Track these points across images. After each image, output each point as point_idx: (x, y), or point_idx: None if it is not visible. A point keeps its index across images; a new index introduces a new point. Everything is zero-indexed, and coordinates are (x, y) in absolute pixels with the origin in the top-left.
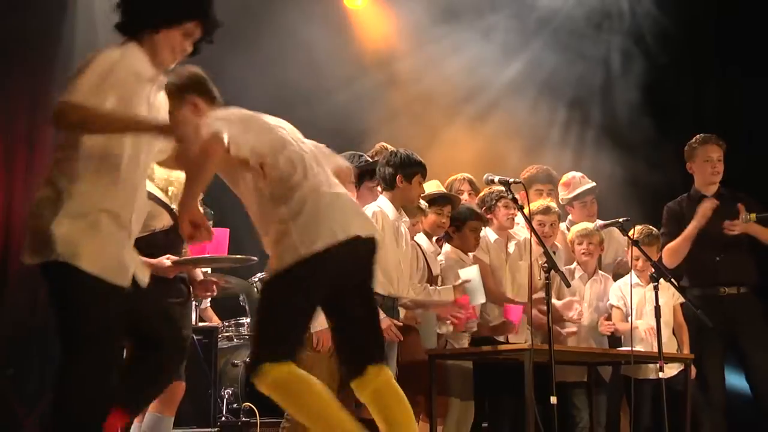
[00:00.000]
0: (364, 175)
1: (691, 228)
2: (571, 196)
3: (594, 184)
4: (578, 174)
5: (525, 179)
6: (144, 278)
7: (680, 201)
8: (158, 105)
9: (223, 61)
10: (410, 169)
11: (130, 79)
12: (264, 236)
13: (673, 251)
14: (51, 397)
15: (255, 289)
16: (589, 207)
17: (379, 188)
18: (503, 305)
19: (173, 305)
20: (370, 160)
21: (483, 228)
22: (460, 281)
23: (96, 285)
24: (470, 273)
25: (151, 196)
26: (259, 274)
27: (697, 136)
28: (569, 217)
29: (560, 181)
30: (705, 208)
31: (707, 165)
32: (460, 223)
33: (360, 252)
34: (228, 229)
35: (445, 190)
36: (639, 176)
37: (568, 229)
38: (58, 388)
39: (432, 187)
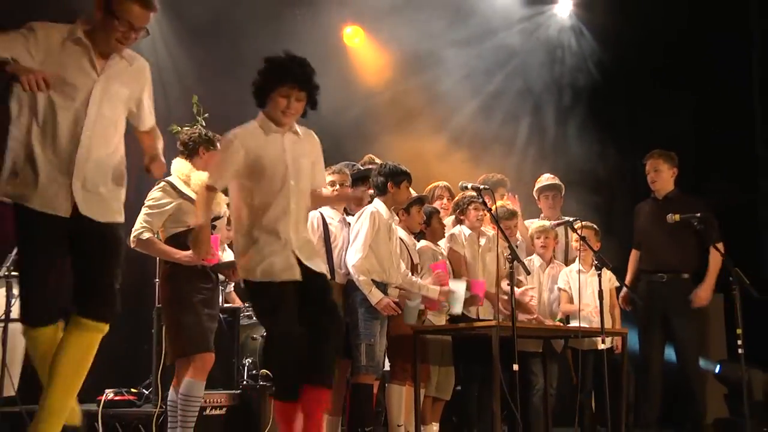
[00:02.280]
0: (357, 181)
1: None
2: (535, 189)
3: (553, 182)
4: (549, 175)
5: (489, 183)
6: None
7: (644, 202)
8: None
9: (240, 89)
10: (398, 177)
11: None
12: None
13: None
14: None
15: None
16: (551, 201)
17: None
18: (473, 280)
19: None
20: (362, 169)
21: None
22: (447, 288)
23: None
24: (459, 286)
25: (188, 198)
26: None
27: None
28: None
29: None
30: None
31: (649, 175)
32: (407, 208)
33: None
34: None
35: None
36: (583, 180)
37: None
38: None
39: None
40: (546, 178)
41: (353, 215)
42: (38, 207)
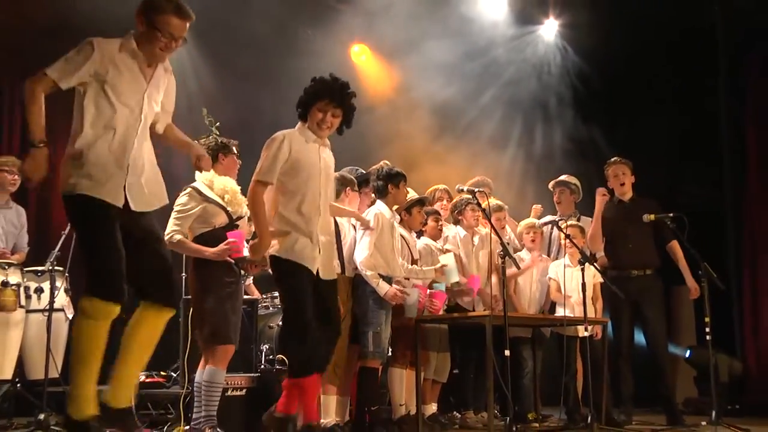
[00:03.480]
0: (361, 184)
1: (595, 216)
2: (551, 184)
3: (562, 179)
4: (566, 175)
5: (473, 184)
6: None
7: (608, 204)
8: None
9: (259, 99)
10: (396, 178)
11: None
12: None
13: (590, 237)
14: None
15: None
16: (558, 196)
17: (373, 194)
18: (470, 275)
19: None
20: (364, 173)
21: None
22: (440, 264)
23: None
24: (448, 259)
25: (212, 201)
26: None
27: (610, 159)
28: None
29: None
30: (598, 200)
31: (617, 178)
32: (408, 209)
33: None
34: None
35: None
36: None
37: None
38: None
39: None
40: (564, 176)
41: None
42: (102, 197)
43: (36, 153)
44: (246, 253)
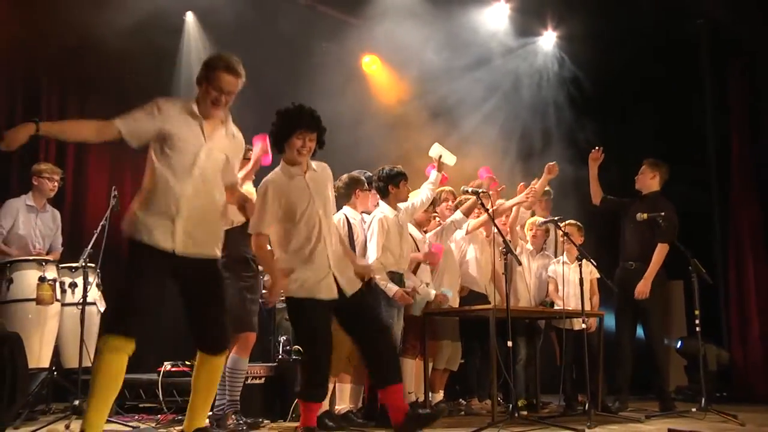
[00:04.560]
0: (369, 185)
1: (591, 177)
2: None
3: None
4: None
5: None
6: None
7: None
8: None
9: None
10: (396, 178)
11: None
12: None
13: (592, 194)
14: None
15: None
16: (545, 203)
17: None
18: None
19: None
20: (370, 174)
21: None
22: (438, 158)
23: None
24: (435, 149)
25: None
26: None
27: None
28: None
29: None
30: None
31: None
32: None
33: None
34: None
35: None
36: (563, 185)
37: None
38: None
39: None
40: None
41: (369, 214)
42: (149, 242)
43: (25, 125)
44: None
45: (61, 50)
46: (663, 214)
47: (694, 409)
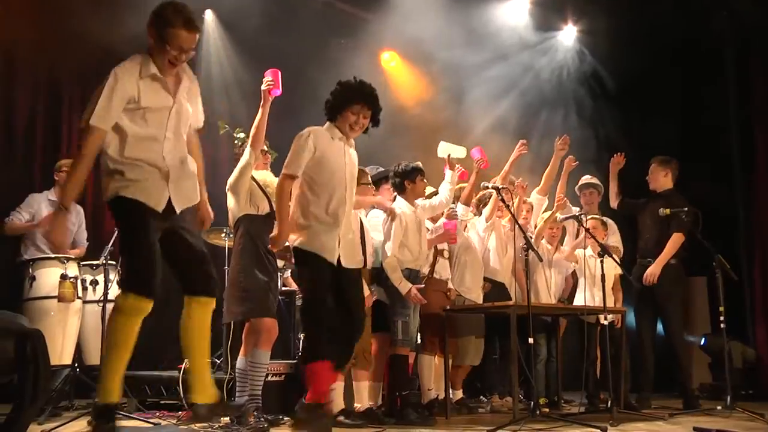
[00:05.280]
0: (380, 181)
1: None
2: (576, 187)
3: (590, 181)
4: (588, 176)
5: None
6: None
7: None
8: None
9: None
10: (412, 173)
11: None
12: None
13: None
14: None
15: None
16: (588, 197)
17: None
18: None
19: None
20: (383, 169)
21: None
22: (447, 157)
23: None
24: (442, 149)
25: (258, 183)
26: None
27: None
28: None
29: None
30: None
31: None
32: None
33: None
34: None
35: None
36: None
37: None
38: None
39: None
40: (585, 178)
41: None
42: (143, 199)
43: (59, 216)
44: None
45: (81, 50)
46: (686, 209)
47: (719, 407)
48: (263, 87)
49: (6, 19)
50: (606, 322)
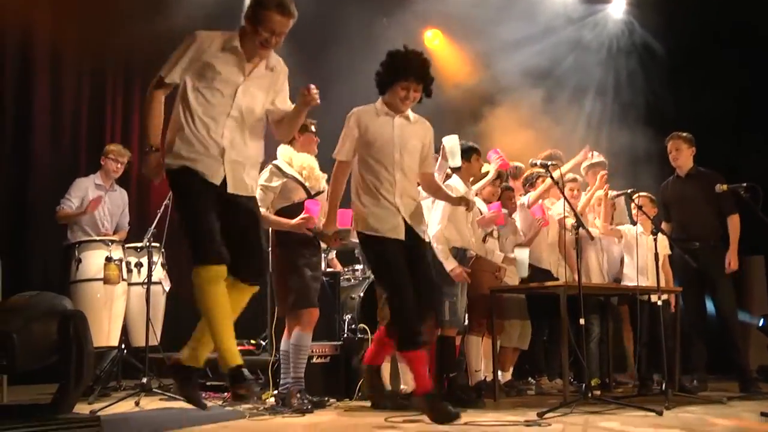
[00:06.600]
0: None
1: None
2: (584, 165)
3: (599, 159)
4: (595, 153)
5: (545, 157)
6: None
7: (668, 180)
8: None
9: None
10: (468, 152)
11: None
12: None
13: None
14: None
15: None
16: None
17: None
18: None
19: None
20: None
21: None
22: (513, 255)
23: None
24: (522, 253)
25: (291, 177)
26: None
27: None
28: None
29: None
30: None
31: (671, 155)
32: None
33: None
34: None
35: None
36: (638, 157)
37: None
38: None
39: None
40: (596, 155)
41: None
42: (200, 170)
43: (149, 158)
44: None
45: (124, 43)
46: (745, 185)
47: None
48: (299, 221)
49: (53, 9)
50: (660, 302)
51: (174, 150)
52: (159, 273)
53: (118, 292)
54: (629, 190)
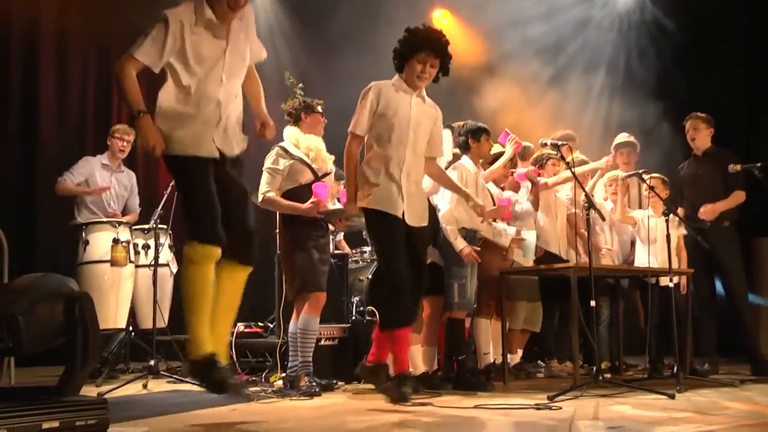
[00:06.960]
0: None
1: None
2: (612, 145)
3: (628, 140)
4: (625, 134)
5: (558, 138)
6: None
7: (686, 161)
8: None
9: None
10: (477, 133)
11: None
12: None
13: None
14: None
15: None
16: (626, 156)
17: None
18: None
19: None
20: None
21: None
22: (520, 236)
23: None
24: (530, 235)
25: (298, 159)
26: None
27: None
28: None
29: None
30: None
31: (688, 134)
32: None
33: None
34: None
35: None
36: (649, 137)
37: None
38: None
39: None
40: (622, 136)
41: None
42: (196, 152)
43: (141, 122)
44: (330, 205)
45: (130, 24)
46: (759, 164)
47: None
48: (310, 205)
49: None
50: (672, 285)
51: (174, 138)
52: (166, 255)
53: (126, 274)
54: (641, 171)
